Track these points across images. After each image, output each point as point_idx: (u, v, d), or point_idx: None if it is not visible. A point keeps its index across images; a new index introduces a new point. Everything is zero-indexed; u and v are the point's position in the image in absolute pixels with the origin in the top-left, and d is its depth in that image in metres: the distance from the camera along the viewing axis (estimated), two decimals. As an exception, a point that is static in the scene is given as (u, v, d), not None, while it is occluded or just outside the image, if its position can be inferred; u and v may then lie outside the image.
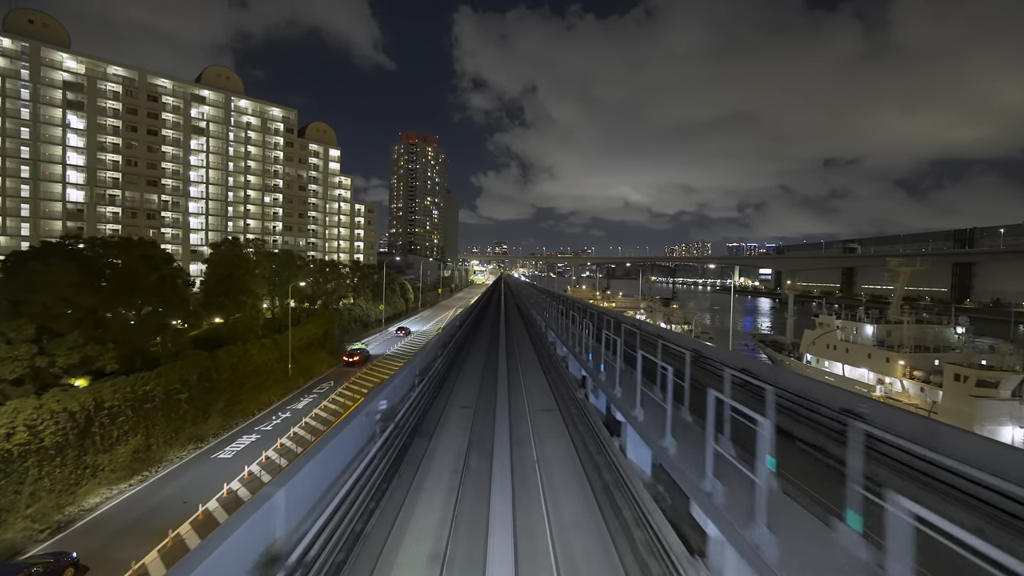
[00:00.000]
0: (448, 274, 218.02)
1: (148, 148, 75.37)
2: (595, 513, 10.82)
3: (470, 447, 14.69)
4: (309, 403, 38.98)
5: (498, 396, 19.80)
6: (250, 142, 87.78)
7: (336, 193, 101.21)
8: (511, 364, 27.41)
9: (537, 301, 64.59)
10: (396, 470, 12.45)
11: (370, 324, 77.26)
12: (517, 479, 12.15)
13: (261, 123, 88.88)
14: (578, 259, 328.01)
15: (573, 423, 16.78)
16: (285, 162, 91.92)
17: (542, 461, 13.68)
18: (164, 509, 22.76)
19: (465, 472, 12.81)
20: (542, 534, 9.99)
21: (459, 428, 16.57)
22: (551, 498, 11.52)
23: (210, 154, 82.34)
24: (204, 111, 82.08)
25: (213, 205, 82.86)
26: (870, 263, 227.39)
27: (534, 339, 38.61)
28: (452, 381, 23.46)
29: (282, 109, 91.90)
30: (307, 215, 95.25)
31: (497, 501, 10.67)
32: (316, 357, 49.52)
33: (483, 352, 32.91)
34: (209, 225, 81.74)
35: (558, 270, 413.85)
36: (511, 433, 15.28)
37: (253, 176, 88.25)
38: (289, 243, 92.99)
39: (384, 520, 10.17)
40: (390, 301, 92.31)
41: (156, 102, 76.40)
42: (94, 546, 19.89)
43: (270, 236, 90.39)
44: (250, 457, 28.37)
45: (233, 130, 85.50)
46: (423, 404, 17.96)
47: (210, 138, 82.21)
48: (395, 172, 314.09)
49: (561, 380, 22.64)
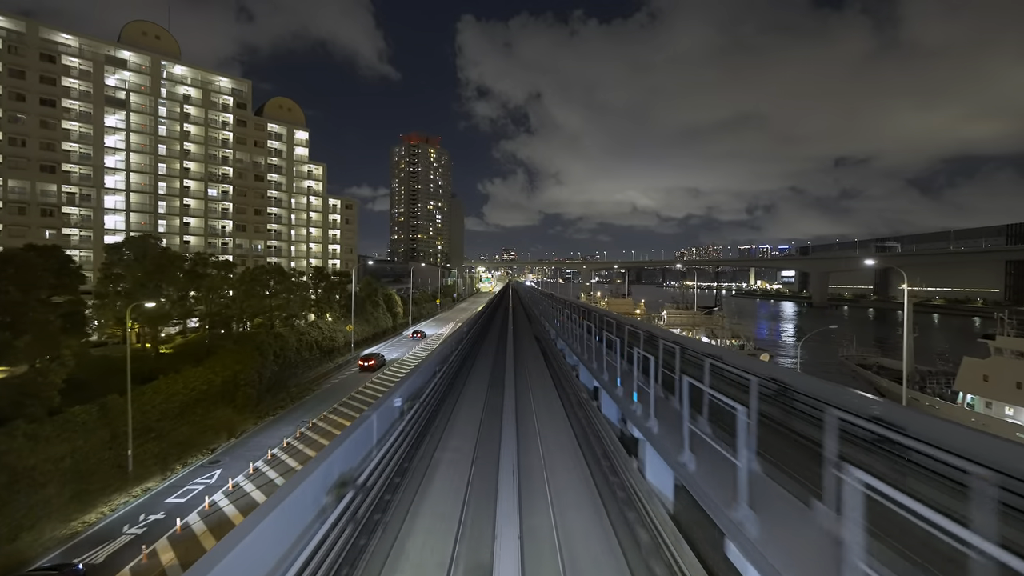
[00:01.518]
0: (451, 282, 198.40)
1: (42, 123, 57.11)
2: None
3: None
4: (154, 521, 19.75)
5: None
6: (189, 120, 69.46)
7: (305, 185, 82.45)
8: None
9: (546, 310, 46.43)
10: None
11: (337, 348, 58.11)
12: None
13: (203, 96, 70.51)
14: (588, 264, 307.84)
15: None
16: (236, 145, 73.43)
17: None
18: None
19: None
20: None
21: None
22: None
23: (133, 133, 64.06)
24: (126, 78, 63.98)
25: (137, 199, 64.40)
26: (918, 262, 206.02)
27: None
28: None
29: (232, 79, 73.61)
30: (266, 212, 76.53)
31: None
32: (209, 420, 30.29)
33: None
34: (131, 225, 63.30)
35: (566, 276, 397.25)
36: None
37: (193, 163, 69.82)
38: (243, 247, 74.37)
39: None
40: (371, 317, 73.12)
41: (53, 63, 58.27)
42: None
43: (217, 238, 71.84)
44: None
45: (166, 103, 67.24)
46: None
47: (132, 113, 63.98)
48: (396, 176, 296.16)
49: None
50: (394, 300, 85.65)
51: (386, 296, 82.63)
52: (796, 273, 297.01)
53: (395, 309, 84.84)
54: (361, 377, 48.65)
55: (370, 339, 69.31)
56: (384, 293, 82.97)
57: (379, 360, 53.75)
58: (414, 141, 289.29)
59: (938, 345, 74.75)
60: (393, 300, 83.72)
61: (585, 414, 17.30)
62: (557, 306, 38.24)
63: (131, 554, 18.27)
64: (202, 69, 70.51)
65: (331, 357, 56.67)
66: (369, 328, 70.00)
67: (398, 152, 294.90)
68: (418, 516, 10.47)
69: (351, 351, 59.33)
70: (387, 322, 78.20)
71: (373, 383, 45.80)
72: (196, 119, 69.91)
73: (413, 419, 15.45)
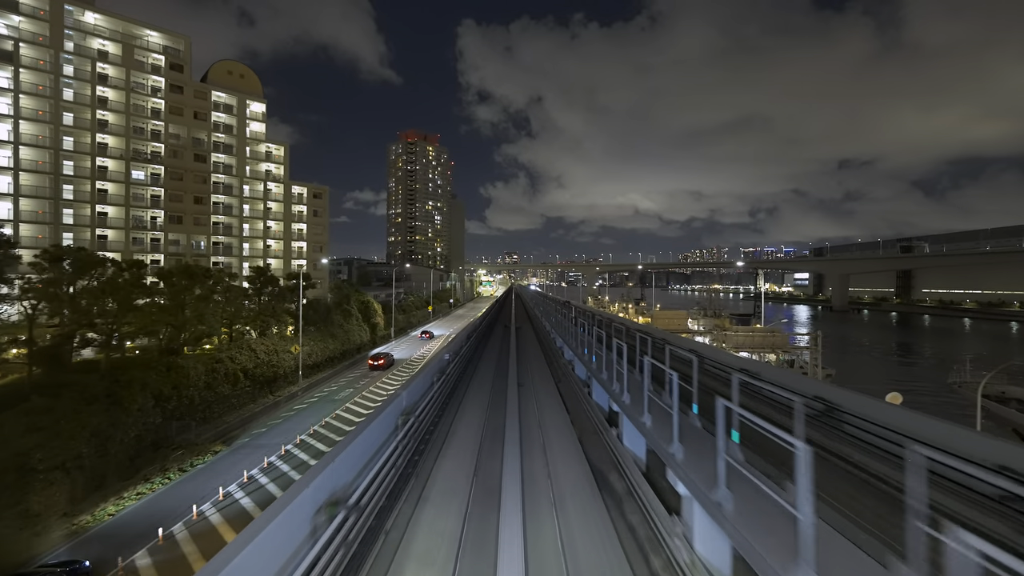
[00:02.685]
0: (449, 285, 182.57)
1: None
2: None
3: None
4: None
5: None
6: (106, 83, 54.81)
7: (262, 169, 67.55)
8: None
9: (560, 323, 32.48)
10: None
11: (281, 377, 43.16)
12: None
13: (125, 53, 55.84)
14: (601, 267, 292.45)
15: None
16: (170, 117, 58.58)
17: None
18: None
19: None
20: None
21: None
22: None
23: (25, 96, 49.48)
24: (16, 24, 49.46)
25: (32, 181, 49.77)
26: (948, 263, 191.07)
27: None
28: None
29: (164, 34, 58.88)
30: (209, 200, 61.58)
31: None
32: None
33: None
34: (20, 214, 48.58)
35: (569, 279, 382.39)
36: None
37: (112, 137, 55.09)
38: (180, 244, 59.50)
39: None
40: (339, 331, 58.26)
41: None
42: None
43: (143, 232, 57.00)
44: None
45: (73, 60, 52.65)
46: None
47: (24, 69, 49.38)
48: (393, 175, 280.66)
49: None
50: (372, 309, 70.80)
51: (362, 304, 67.84)
52: (810, 275, 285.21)
53: (374, 319, 70.00)
54: (313, 413, 33.67)
55: (336, 358, 54.29)
56: (360, 300, 68.18)
57: (388, 359, 54.68)
58: (412, 139, 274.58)
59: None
60: (371, 309, 68.93)
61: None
62: (583, 324, 22.72)
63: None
64: (123, 18, 55.77)
65: (273, 388, 41.74)
66: (336, 345, 55.00)
67: (395, 150, 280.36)
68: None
69: (297, 383, 44.20)
70: (362, 336, 63.26)
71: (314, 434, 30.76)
72: (116, 81, 55.19)
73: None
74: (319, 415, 35.55)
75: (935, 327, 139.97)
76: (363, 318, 66.17)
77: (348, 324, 60.48)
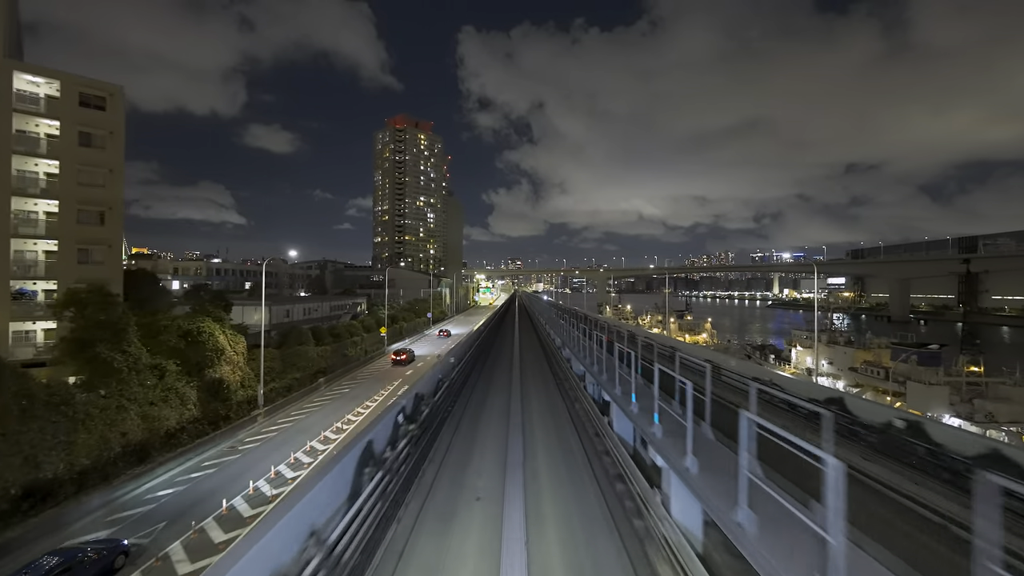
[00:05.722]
0: (437, 292, 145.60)
1: None
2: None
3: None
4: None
5: None
6: None
7: None
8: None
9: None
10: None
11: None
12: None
13: None
14: (615, 273, 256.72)
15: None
16: None
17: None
18: None
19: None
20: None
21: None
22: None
23: None
24: None
25: None
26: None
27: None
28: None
29: None
30: None
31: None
32: None
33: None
34: None
35: (573, 285, 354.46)
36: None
37: None
38: None
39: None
40: (167, 399, 23.68)
41: None
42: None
43: None
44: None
45: None
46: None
47: None
48: (379, 167, 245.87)
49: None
50: (220, 346, 36.22)
51: (204, 335, 33.35)
52: (847, 280, 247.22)
53: (231, 360, 35.45)
54: None
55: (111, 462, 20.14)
56: (199, 328, 33.64)
57: (410, 356, 52.98)
58: (400, 125, 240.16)
59: None
60: (218, 345, 34.37)
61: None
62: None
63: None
64: None
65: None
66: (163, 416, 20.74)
67: (381, 139, 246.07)
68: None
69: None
70: (185, 399, 29.04)
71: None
72: None
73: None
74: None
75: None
76: (209, 360, 31.94)
77: (144, 380, 25.82)
